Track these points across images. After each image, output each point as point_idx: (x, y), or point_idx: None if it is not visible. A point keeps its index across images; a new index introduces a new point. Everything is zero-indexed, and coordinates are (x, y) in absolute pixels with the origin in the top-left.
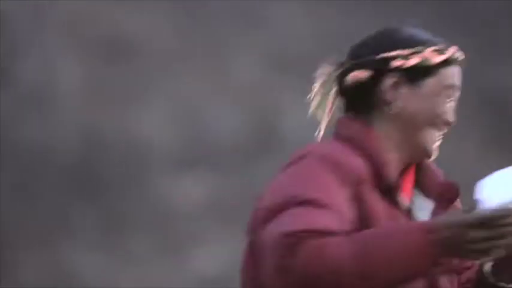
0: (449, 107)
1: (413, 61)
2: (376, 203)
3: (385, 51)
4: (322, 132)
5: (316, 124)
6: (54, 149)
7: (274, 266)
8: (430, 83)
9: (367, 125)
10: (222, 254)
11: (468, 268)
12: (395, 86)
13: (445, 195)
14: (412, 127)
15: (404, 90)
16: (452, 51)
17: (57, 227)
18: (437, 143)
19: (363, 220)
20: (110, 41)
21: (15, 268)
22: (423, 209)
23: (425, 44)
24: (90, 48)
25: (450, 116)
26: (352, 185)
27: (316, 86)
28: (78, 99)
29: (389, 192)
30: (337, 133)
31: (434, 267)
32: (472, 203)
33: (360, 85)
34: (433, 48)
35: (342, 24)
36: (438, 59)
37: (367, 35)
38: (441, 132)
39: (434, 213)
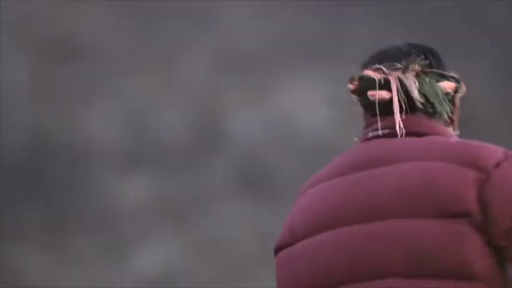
0: None
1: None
2: None
3: (449, 71)
4: (400, 129)
5: (263, 125)
6: (0, 148)
7: None
8: None
9: None
10: (165, 253)
11: None
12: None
13: None
14: None
15: None
16: None
17: (1, 226)
18: None
19: None
20: (58, 41)
21: None
22: None
23: None
24: (38, 48)
25: None
26: None
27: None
28: (24, 98)
29: None
30: (437, 132)
31: None
32: None
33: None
34: None
35: (291, 25)
36: None
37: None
38: None
39: None
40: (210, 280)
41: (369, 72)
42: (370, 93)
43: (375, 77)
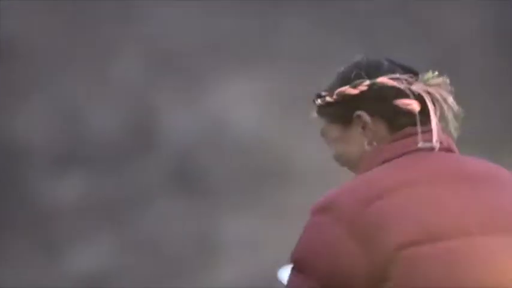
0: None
1: None
2: None
3: None
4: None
5: (196, 124)
6: None
7: None
8: None
9: None
10: (100, 253)
11: None
12: None
13: None
14: None
15: None
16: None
17: None
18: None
19: None
20: None
21: None
22: None
23: None
24: None
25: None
26: None
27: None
28: None
29: None
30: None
31: None
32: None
33: None
34: None
35: (223, 26)
36: None
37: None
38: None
39: None
40: (145, 280)
41: (387, 81)
42: (404, 101)
43: (401, 87)
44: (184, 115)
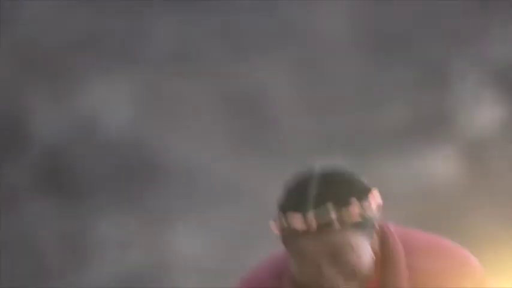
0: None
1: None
2: None
3: None
4: None
5: (66, 125)
6: None
7: None
8: None
9: None
10: None
11: None
12: None
13: None
14: None
15: None
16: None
17: None
18: None
19: None
20: None
21: None
22: None
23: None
24: None
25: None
26: None
27: None
28: None
29: None
30: None
31: None
32: None
33: None
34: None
35: (94, 24)
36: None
37: (115, 33)
38: None
39: None
40: (13, 280)
41: None
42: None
43: None
44: (54, 114)
